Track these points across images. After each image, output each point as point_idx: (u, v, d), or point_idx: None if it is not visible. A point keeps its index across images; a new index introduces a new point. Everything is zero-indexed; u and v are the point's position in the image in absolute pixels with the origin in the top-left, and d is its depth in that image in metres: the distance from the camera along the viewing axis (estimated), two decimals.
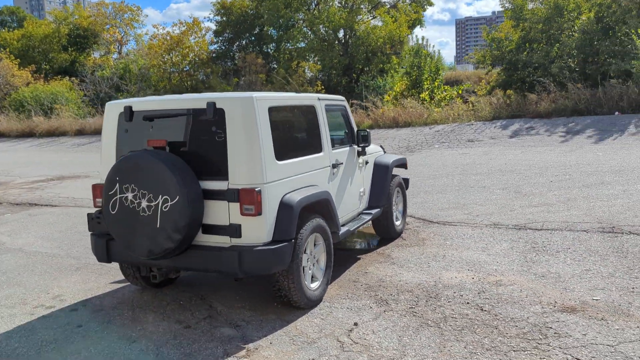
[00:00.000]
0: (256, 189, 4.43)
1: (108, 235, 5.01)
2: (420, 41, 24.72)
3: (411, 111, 17.53)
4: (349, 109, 6.54)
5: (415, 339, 4.30)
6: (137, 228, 4.53)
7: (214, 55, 34.54)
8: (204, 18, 73.02)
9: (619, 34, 17.26)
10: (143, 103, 4.96)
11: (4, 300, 5.63)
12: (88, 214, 5.18)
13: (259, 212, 4.46)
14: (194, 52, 33.10)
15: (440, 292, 5.25)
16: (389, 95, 21.66)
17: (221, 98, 4.59)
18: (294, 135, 5.29)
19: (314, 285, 5.10)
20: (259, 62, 30.57)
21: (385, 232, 7.07)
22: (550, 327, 4.34)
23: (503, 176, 10.56)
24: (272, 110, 4.77)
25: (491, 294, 5.12)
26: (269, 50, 35.87)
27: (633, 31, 14.92)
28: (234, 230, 4.50)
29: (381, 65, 30.14)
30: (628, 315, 4.46)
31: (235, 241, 4.54)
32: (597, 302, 4.77)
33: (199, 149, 4.67)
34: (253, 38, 36.11)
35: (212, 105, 4.52)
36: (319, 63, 30.39)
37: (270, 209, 4.58)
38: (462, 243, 6.74)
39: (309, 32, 32.18)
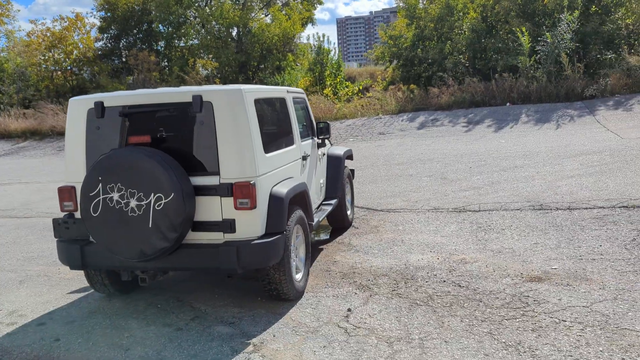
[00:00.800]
0: (251, 182, 4.37)
1: (80, 241, 4.69)
2: (313, 39, 25.15)
3: (322, 107, 17.85)
4: (307, 102, 6.59)
5: (412, 318, 4.49)
6: (125, 229, 4.29)
7: (100, 52, 32.65)
8: (86, 13, 68.27)
9: (500, 32, 18.78)
10: (116, 98, 4.68)
11: None
12: (54, 220, 4.80)
13: (254, 206, 4.40)
14: (78, 50, 31.08)
15: (414, 273, 5.48)
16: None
17: (208, 91, 4.46)
18: (273, 128, 5.25)
19: (298, 276, 5.12)
20: (151, 60, 29.39)
21: (339, 222, 7.20)
22: (528, 296, 4.72)
23: (424, 165, 11.12)
24: (256, 102, 4.71)
25: (461, 271, 5.43)
26: (159, 47, 34.61)
27: (518, 29, 16.31)
28: (228, 226, 4.41)
29: (277, 63, 30.26)
30: (588, 280, 4.95)
31: (229, 236, 4.44)
32: (556, 270, 5.24)
33: (184, 145, 4.51)
34: (141, 35, 34.64)
35: (198, 98, 4.38)
36: (214, 60, 29.83)
37: (262, 202, 4.54)
38: (413, 228, 7.06)
39: (202, 30, 31.50)
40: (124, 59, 33.25)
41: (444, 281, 5.23)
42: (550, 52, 15.77)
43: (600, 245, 5.78)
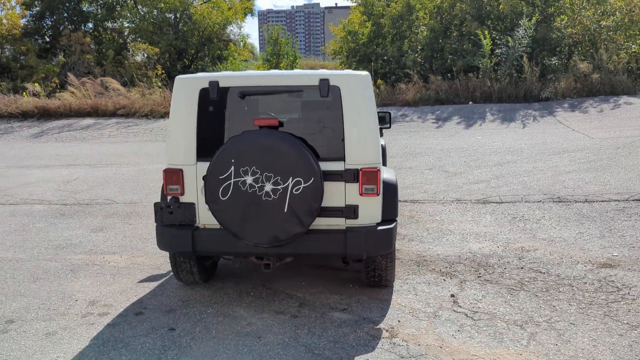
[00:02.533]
0: (378, 169, 4.35)
1: (187, 226, 4.46)
2: (245, 31, 24.83)
3: None
4: None
5: (521, 302, 4.67)
6: (258, 214, 4.14)
7: (24, 31, 30.31)
8: None
9: (455, 33, 19.55)
10: (233, 79, 4.49)
11: (26, 314, 4.63)
12: (156, 204, 4.53)
13: (379, 192, 4.39)
14: (2, 27, 28.68)
15: (486, 260, 5.68)
16: None
17: (336, 75, 4.39)
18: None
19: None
20: (86, 42, 27.72)
21: None
22: (613, 281, 5.05)
23: (416, 158, 11.40)
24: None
25: (530, 258, 5.70)
26: (87, 29, 32.70)
27: (480, 32, 17.06)
28: (351, 212, 4.37)
29: (218, 52, 29.59)
30: None
31: (351, 223, 4.40)
32: (618, 257, 5.64)
33: (309, 129, 4.41)
34: (66, 14, 32.54)
35: (326, 82, 4.30)
36: (153, 46, 28.64)
37: (382, 188, 4.53)
38: (450, 218, 7.27)
39: (138, 13, 30.15)
40: (47, 39, 31.12)
41: (521, 268, 5.46)
42: (510, 55, 16.64)
43: None
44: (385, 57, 20.28)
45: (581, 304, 4.59)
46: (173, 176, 4.49)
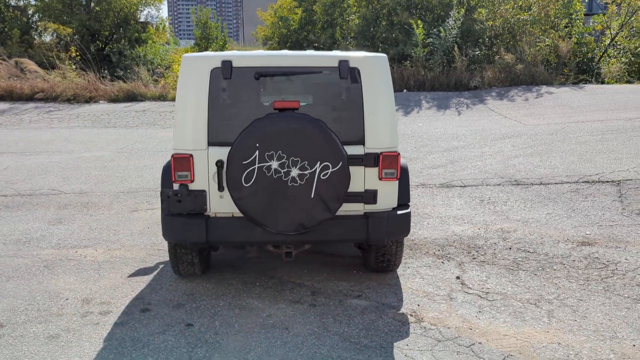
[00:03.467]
0: (398, 153, 4.29)
1: (196, 215, 4.18)
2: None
3: None
4: None
5: (525, 281, 4.82)
6: (283, 201, 3.95)
7: None
8: None
9: (384, 22, 19.84)
10: (248, 59, 4.23)
11: (14, 317, 4.15)
12: (162, 192, 4.21)
13: (399, 176, 4.33)
14: None
15: (474, 242, 5.81)
16: (176, 69, 20.66)
17: (355, 56, 4.25)
18: None
19: None
20: None
21: None
22: (597, 258, 5.33)
23: None
24: None
25: (514, 239, 5.90)
26: None
27: (413, 22, 17.41)
28: (371, 197, 4.28)
29: (136, 34, 28.15)
30: (627, 242, 5.73)
31: (369, 208, 4.33)
32: (592, 236, 5.96)
33: (328, 112, 4.25)
34: None
35: (345, 63, 4.16)
36: (67, 26, 26.74)
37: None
38: (421, 202, 7.37)
39: None
40: None
41: (509, 248, 5.64)
42: (442, 45, 17.13)
43: (604, 214, 6.66)
44: (316, 44, 20.23)
45: (579, 281, 4.81)
46: (182, 162, 4.17)
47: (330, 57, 4.27)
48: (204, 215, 4.23)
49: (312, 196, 3.97)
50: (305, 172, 3.93)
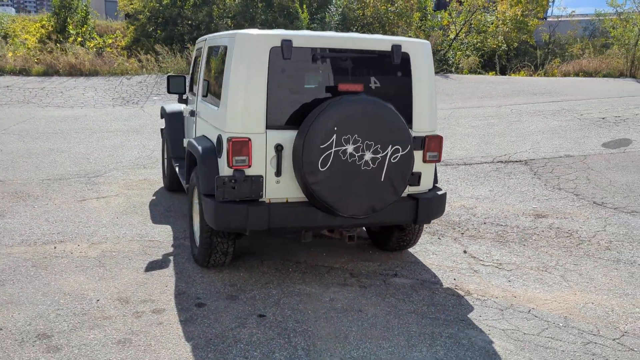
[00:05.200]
0: (441, 136, 4.46)
1: (252, 201, 3.97)
2: None
3: (89, 59, 15.69)
4: None
5: (521, 252, 5.34)
6: (356, 184, 3.92)
7: None
8: None
9: (261, 4, 19.66)
10: (308, 38, 4.06)
11: (55, 325, 3.59)
12: (218, 178, 3.90)
13: (441, 159, 4.51)
14: None
15: (451, 219, 6.24)
16: (31, 40, 18.28)
17: (405, 41, 4.30)
18: None
19: None
20: None
21: None
22: (559, 228, 6.07)
23: None
24: None
25: (481, 215, 6.44)
26: None
27: (297, 5, 17.47)
28: (416, 179, 4.41)
29: None
30: (569, 213, 6.58)
31: (413, 190, 4.45)
32: (539, 209, 6.73)
33: (383, 95, 4.25)
34: None
35: (399, 48, 4.21)
36: None
37: None
38: None
39: None
40: None
41: (484, 223, 6.16)
42: (326, 30, 17.51)
43: (534, 190, 7.54)
44: (190, 22, 19.31)
45: (562, 249, 5.45)
46: (241, 146, 3.90)
47: (384, 40, 4.27)
48: (263, 201, 4.01)
49: (382, 179, 3.99)
50: (378, 156, 3.94)
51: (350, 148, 3.86)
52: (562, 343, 3.62)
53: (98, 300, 3.95)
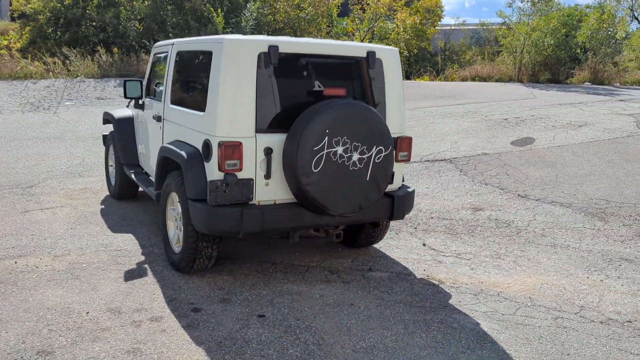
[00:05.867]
0: (411, 137, 4.74)
1: (243, 205, 4.02)
2: None
3: None
4: None
5: (472, 242, 5.78)
6: (344, 184, 4.10)
7: None
8: None
9: (170, 7, 19.20)
10: (293, 44, 4.16)
11: (52, 341, 3.43)
12: (211, 182, 3.91)
13: (410, 159, 4.79)
14: None
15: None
16: None
17: (379, 48, 4.53)
18: None
19: None
20: None
21: None
22: (497, 219, 6.61)
23: None
24: None
25: (426, 210, 6.86)
26: None
27: (212, 10, 17.20)
28: (390, 178, 4.64)
29: None
30: (501, 205, 7.18)
31: (387, 188, 4.68)
32: (474, 203, 7.28)
33: (361, 99, 4.44)
34: None
35: (373, 54, 4.44)
36: None
37: None
38: None
39: None
40: None
41: (431, 217, 6.57)
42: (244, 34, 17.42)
43: (465, 185, 8.11)
44: (95, 23, 18.40)
45: (505, 237, 5.96)
46: (233, 150, 3.92)
47: (360, 47, 4.46)
48: (254, 204, 4.05)
49: (368, 179, 4.18)
50: (364, 156, 4.13)
51: (340, 149, 4.02)
52: (536, 320, 4.02)
53: (87, 312, 3.79)
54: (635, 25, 25.51)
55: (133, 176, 5.89)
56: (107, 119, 6.67)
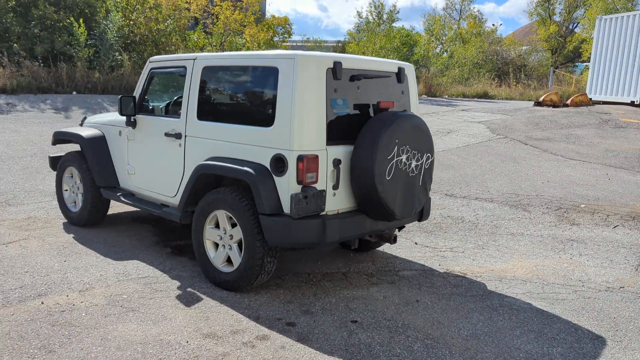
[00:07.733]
0: None
1: (316, 216, 4.12)
2: None
3: None
4: None
5: (446, 238, 6.40)
6: (407, 189, 4.39)
7: None
8: None
9: (10, 14, 17.19)
10: (351, 60, 4.32)
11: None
12: (293, 195, 3.94)
13: None
14: None
15: None
16: None
17: (404, 65, 4.89)
18: None
19: None
20: None
21: None
22: (450, 216, 7.35)
23: None
24: None
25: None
26: None
27: (74, 20, 15.67)
28: None
29: None
30: (442, 205, 7.97)
31: None
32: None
33: (400, 110, 4.74)
34: None
35: (402, 70, 4.81)
36: None
37: None
38: None
39: None
40: None
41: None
42: (108, 47, 16.21)
43: None
44: None
45: (470, 231, 6.68)
46: (312, 163, 3.97)
47: (393, 63, 4.78)
48: (325, 214, 4.13)
49: (420, 184, 4.51)
50: (419, 163, 4.45)
51: (404, 157, 4.30)
52: (564, 294, 4.72)
53: (187, 342, 3.52)
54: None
55: (120, 198, 5.42)
56: (66, 138, 5.98)
